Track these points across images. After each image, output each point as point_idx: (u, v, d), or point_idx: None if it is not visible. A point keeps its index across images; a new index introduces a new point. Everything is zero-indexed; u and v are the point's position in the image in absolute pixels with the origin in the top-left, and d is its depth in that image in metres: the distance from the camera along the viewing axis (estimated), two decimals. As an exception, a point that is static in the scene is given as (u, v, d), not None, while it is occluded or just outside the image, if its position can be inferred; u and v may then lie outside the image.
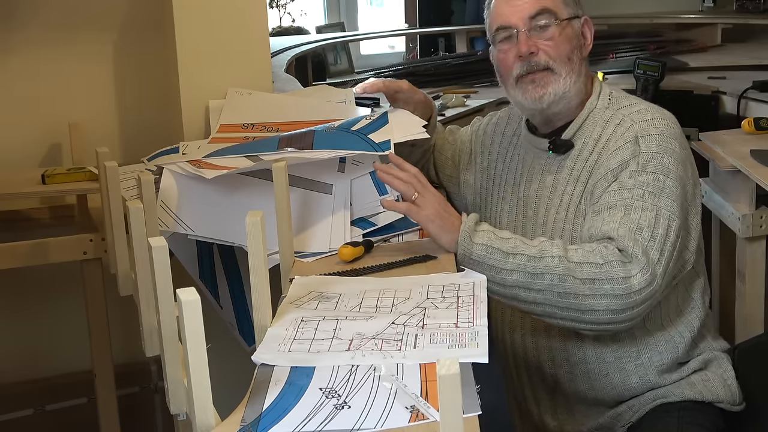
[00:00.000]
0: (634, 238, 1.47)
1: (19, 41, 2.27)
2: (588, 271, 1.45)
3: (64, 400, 2.44)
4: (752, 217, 2.08)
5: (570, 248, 1.48)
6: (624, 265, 1.45)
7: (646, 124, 1.60)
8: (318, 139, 1.70)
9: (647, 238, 1.48)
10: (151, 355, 1.46)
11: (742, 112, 2.62)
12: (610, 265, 1.45)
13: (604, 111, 1.67)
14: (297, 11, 3.84)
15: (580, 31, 1.69)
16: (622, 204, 1.52)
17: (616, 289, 1.44)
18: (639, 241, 1.47)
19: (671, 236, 1.51)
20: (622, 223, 1.50)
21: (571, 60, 1.65)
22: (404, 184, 1.55)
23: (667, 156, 1.56)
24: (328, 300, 1.36)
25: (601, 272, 1.44)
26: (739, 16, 3.56)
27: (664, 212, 1.52)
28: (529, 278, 1.46)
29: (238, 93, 2.13)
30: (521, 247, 1.48)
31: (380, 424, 1.02)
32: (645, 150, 1.57)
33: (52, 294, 2.41)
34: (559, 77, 1.65)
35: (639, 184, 1.54)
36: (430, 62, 3.24)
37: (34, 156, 2.31)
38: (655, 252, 1.48)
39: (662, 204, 1.52)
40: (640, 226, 1.49)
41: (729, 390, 1.66)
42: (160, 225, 1.62)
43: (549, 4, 1.65)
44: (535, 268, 1.46)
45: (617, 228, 1.49)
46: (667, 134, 1.59)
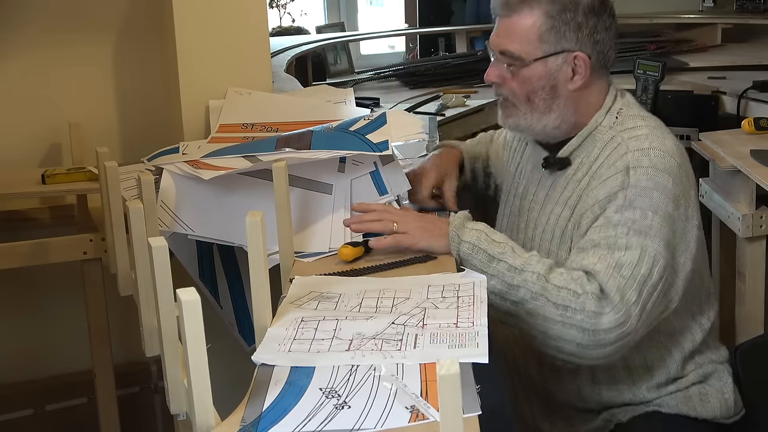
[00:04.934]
0: (612, 276, 1.45)
1: (19, 41, 2.27)
2: (564, 297, 1.44)
3: (64, 400, 2.44)
4: (752, 217, 2.08)
5: (556, 270, 1.47)
6: (599, 300, 1.43)
7: (641, 155, 1.53)
8: (316, 140, 1.70)
9: (627, 276, 1.45)
10: (151, 355, 1.46)
11: (742, 112, 2.62)
12: (587, 297, 1.43)
13: (608, 130, 1.60)
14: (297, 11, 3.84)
15: (559, 68, 1.58)
16: (605, 242, 1.49)
17: (586, 323, 1.43)
18: (617, 280, 1.45)
19: (653, 277, 1.47)
20: (602, 259, 1.47)
21: (530, 101, 1.59)
22: (379, 222, 1.58)
23: (657, 192, 1.50)
24: (328, 300, 1.36)
25: (577, 302, 1.43)
26: (739, 16, 3.56)
27: (650, 251, 1.47)
28: (505, 287, 1.47)
29: (237, 93, 2.13)
30: (507, 254, 1.48)
31: (380, 424, 1.02)
32: (634, 184, 1.51)
33: (52, 294, 2.41)
34: (519, 112, 1.61)
35: (624, 220, 1.49)
36: (430, 62, 3.24)
37: (34, 156, 2.31)
38: (632, 293, 1.45)
39: (648, 243, 1.48)
40: (621, 264, 1.46)
41: (725, 404, 1.65)
42: (160, 225, 1.62)
43: (512, 47, 1.58)
44: (513, 279, 1.46)
45: (596, 263, 1.46)
46: (661, 168, 1.51)
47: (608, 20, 1.60)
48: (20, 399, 2.41)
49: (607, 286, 1.44)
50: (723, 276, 2.34)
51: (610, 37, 1.61)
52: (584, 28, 1.57)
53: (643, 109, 1.67)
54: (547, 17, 1.56)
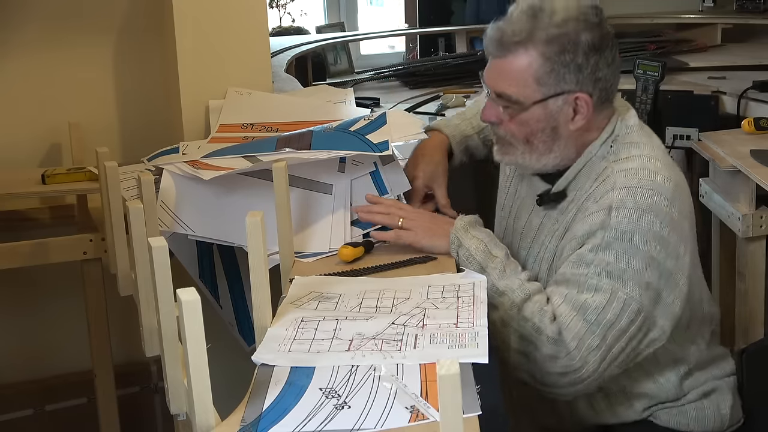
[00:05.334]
0: (574, 319, 1.42)
1: (20, 41, 2.27)
2: (528, 330, 1.43)
3: (64, 400, 2.44)
4: (752, 217, 2.08)
5: (533, 298, 1.45)
6: (555, 344, 1.42)
7: (626, 194, 1.46)
8: (316, 140, 1.70)
9: (591, 321, 1.42)
10: (151, 355, 1.46)
11: (742, 112, 2.62)
12: (545, 338, 1.42)
13: (601, 161, 1.54)
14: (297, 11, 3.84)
15: (560, 110, 1.50)
16: (575, 279, 1.45)
17: (542, 362, 1.43)
18: (578, 324, 1.42)
19: (621, 322, 1.42)
20: (568, 300, 1.44)
21: (530, 143, 1.53)
22: (386, 216, 1.58)
23: (637, 236, 1.44)
24: (328, 300, 1.36)
25: (537, 338, 1.43)
26: (739, 16, 3.56)
27: (620, 295, 1.43)
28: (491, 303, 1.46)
29: (237, 93, 2.13)
30: (495, 273, 1.48)
31: (380, 424, 1.02)
32: (614, 226, 1.44)
33: (52, 294, 2.41)
34: (516, 150, 1.55)
35: (598, 261, 1.44)
36: (430, 62, 3.24)
37: (34, 156, 2.31)
38: (594, 338, 1.42)
39: (620, 286, 1.43)
40: (586, 306, 1.42)
41: (721, 419, 1.64)
42: (159, 225, 1.62)
43: (509, 90, 1.50)
44: (493, 299, 1.46)
45: (561, 303, 1.44)
46: (645, 209, 1.44)
47: (610, 55, 1.51)
48: (20, 399, 2.41)
49: (566, 330, 1.42)
50: (723, 276, 2.34)
51: (613, 71, 1.52)
52: (585, 68, 1.48)
53: (644, 132, 1.59)
54: (545, 59, 1.47)
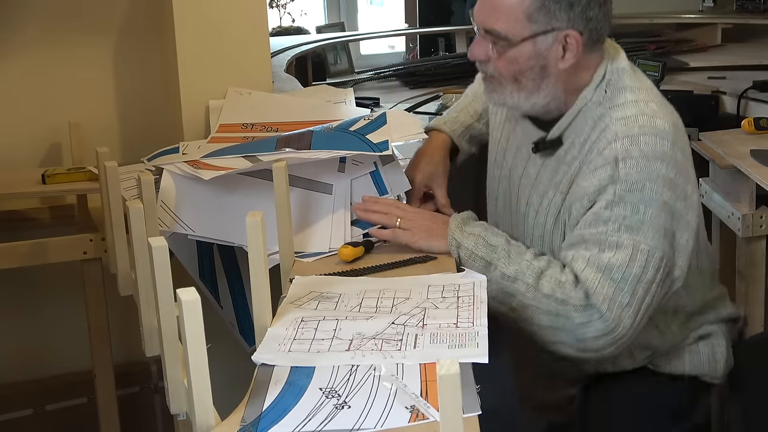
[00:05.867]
0: (601, 282, 1.42)
1: (20, 41, 2.27)
2: (552, 306, 1.44)
3: (64, 400, 2.44)
4: (752, 217, 2.08)
5: (546, 274, 1.45)
6: (584, 310, 1.42)
7: (630, 144, 1.46)
8: (316, 140, 1.70)
9: (617, 279, 1.42)
10: (151, 355, 1.46)
11: (742, 112, 2.62)
12: (572, 308, 1.42)
13: (597, 107, 1.53)
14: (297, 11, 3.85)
15: (549, 47, 1.49)
16: (595, 240, 1.45)
17: (573, 332, 1.43)
18: (606, 286, 1.42)
19: (648, 273, 1.43)
20: (591, 263, 1.44)
21: (518, 81, 1.52)
22: (384, 215, 1.58)
23: (649, 183, 1.44)
24: (328, 300, 1.36)
25: (564, 310, 1.43)
26: (739, 16, 3.56)
27: (642, 247, 1.43)
28: (503, 295, 1.47)
29: (238, 93, 2.13)
30: (501, 261, 1.48)
31: (380, 424, 1.02)
32: (624, 178, 1.45)
33: (52, 294, 2.41)
34: (505, 90, 1.54)
35: (615, 217, 1.44)
36: (430, 62, 3.24)
37: (34, 156, 2.31)
38: (624, 295, 1.42)
39: (640, 238, 1.43)
40: (610, 266, 1.43)
41: (715, 364, 1.65)
42: (160, 225, 1.62)
43: (498, 25, 1.49)
44: (508, 287, 1.46)
45: (584, 268, 1.44)
46: (651, 156, 1.45)
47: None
48: (20, 399, 2.41)
49: (594, 294, 1.42)
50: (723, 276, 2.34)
51: (605, 12, 1.51)
52: (576, 6, 1.47)
53: (636, 74, 1.57)
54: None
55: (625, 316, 1.43)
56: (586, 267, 1.44)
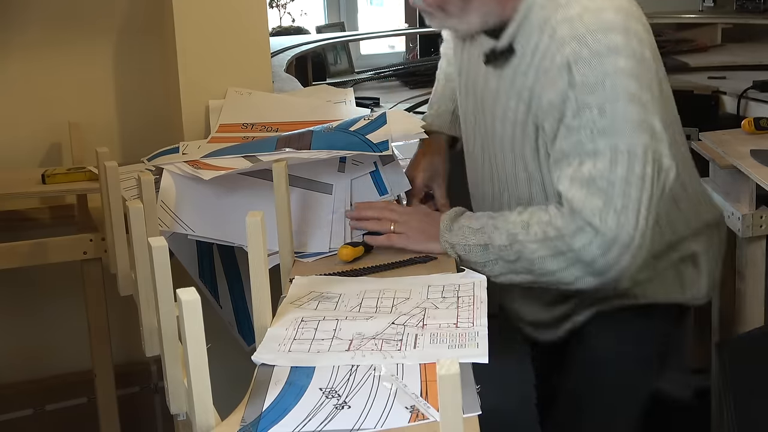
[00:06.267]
0: (588, 197, 1.38)
1: (19, 41, 2.27)
2: (552, 246, 1.42)
3: (64, 400, 2.44)
4: (752, 217, 2.08)
5: (531, 224, 1.44)
6: (580, 232, 1.39)
7: (579, 45, 1.39)
8: (316, 140, 1.70)
9: (604, 187, 1.38)
10: (151, 355, 1.46)
11: (742, 112, 2.62)
12: (568, 236, 1.40)
13: (541, 11, 1.46)
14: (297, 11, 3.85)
15: None
16: (574, 151, 1.41)
17: (582, 258, 1.41)
18: (595, 197, 1.38)
19: (636, 170, 1.38)
20: (574, 179, 1.40)
21: (444, 9, 1.53)
22: (377, 222, 1.57)
23: (608, 80, 1.38)
24: (328, 300, 1.36)
25: (563, 243, 1.41)
26: (739, 16, 3.56)
27: (621, 148, 1.38)
28: (509, 265, 1.46)
29: (237, 93, 2.13)
30: (493, 236, 1.46)
31: (380, 424, 1.02)
32: (581, 81, 1.39)
33: (52, 294, 2.41)
34: (436, 19, 1.56)
35: (584, 123, 1.39)
36: (430, 62, 3.24)
37: (34, 156, 2.31)
38: (616, 200, 1.37)
39: (616, 140, 1.38)
40: (593, 177, 1.38)
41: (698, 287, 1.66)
42: (160, 225, 1.62)
43: None
44: (510, 255, 1.45)
45: (570, 187, 1.41)
46: (604, 53, 1.38)
47: None
48: (20, 399, 2.41)
49: (583, 211, 1.39)
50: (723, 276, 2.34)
51: None
52: None
53: None
54: None
55: (624, 221, 1.38)
56: (570, 186, 1.41)
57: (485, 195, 1.70)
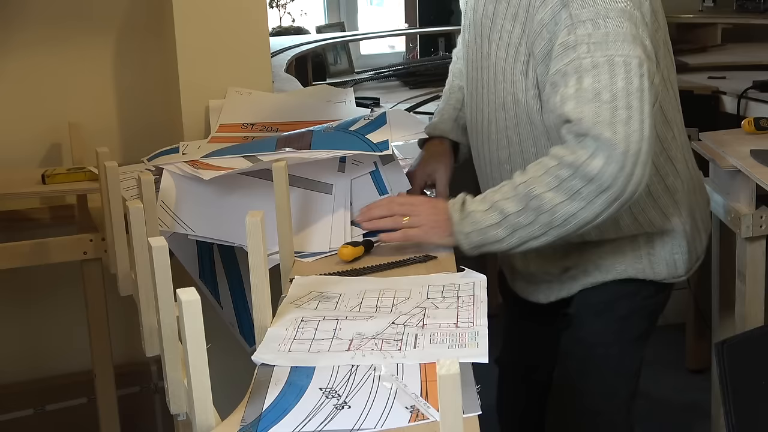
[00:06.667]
0: (596, 111, 1.39)
1: (19, 41, 2.27)
2: (568, 187, 1.42)
3: (64, 400, 2.44)
4: (752, 217, 2.08)
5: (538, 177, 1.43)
6: (599, 152, 1.39)
7: None
8: (316, 140, 1.70)
9: (608, 99, 1.39)
10: (151, 355, 1.46)
11: (742, 112, 2.62)
12: (585, 162, 1.40)
13: None
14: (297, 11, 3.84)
15: None
16: (572, 68, 1.42)
17: (603, 183, 1.40)
18: (603, 110, 1.39)
19: (634, 81, 1.40)
20: (579, 97, 1.41)
21: None
22: (389, 220, 1.56)
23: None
24: (328, 300, 1.36)
25: (580, 180, 1.41)
26: (739, 16, 3.56)
27: (617, 60, 1.40)
28: (527, 230, 1.45)
29: (237, 92, 2.13)
30: (505, 206, 1.46)
31: (380, 424, 1.02)
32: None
33: (52, 294, 2.41)
34: None
35: (580, 38, 1.42)
36: (430, 62, 3.24)
37: (34, 156, 2.31)
38: (621, 112, 1.39)
39: (612, 51, 1.41)
40: (596, 90, 1.40)
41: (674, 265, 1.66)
42: (160, 225, 1.62)
43: None
44: (526, 220, 1.45)
45: (576, 106, 1.41)
46: None
47: None
48: (20, 399, 2.41)
49: (596, 125, 1.39)
50: (723, 276, 2.34)
51: None
52: None
53: None
54: None
55: (631, 131, 1.39)
56: (576, 104, 1.41)
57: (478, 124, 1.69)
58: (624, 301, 1.68)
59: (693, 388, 2.84)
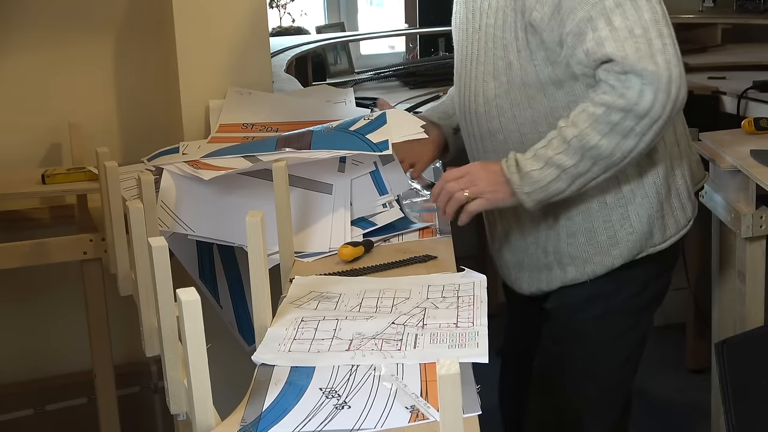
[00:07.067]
0: (634, 47, 1.44)
1: (19, 41, 2.27)
2: (622, 128, 1.46)
3: (64, 400, 2.44)
4: (752, 217, 2.08)
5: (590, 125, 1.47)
6: (648, 86, 1.43)
7: None
8: (316, 140, 1.70)
9: (641, 33, 1.44)
10: (151, 355, 1.46)
11: (742, 112, 2.62)
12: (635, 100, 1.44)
13: None
14: (297, 11, 3.84)
15: None
16: (597, 12, 1.46)
17: (653, 114, 1.44)
18: (640, 45, 1.44)
19: (657, 7, 1.46)
20: (615, 38, 1.45)
21: None
22: (453, 201, 1.57)
23: None
24: (328, 300, 1.36)
25: (632, 119, 1.45)
26: (739, 16, 3.56)
27: None
28: (587, 175, 1.50)
29: (237, 92, 2.13)
30: (561, 159, 1.49)
31: (380, 424, 1.02)
32: None
33: (52, 294, 2.41)
34: None
35: None
36: (430, 62, 3.24)
37: (34, 156, 2.31)
38: (656, 41, 1.44)
39: None
40: (629, 27, 1.45)
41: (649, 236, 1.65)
42: (160, 225, 1.62)
43: None
44: (584, 167, 1.49)
45: (615, 46, 1.44)
46: None
47: None
48: (20, 399, 2.41)
49: (640, 61, 1.44)
50: (723, 276, 2.34)
51: None
52: None
53: None
54: None
55: (669, 56, 1.44)
56: (615, 44, 1.45)
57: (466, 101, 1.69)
58: (600, 301, 1.68)
59: (693, 388, 2.84)
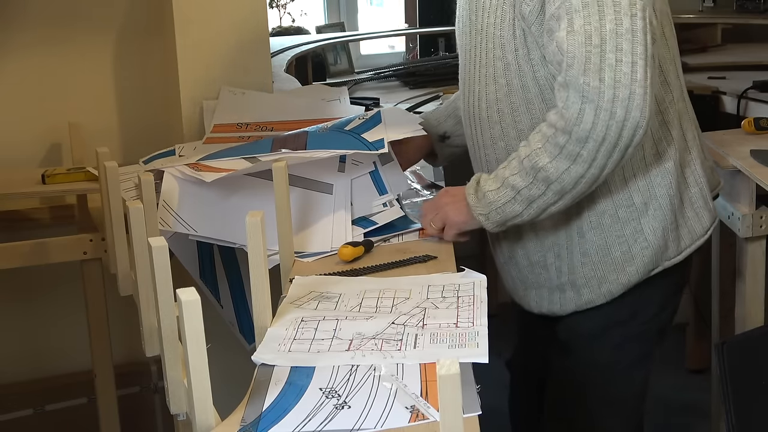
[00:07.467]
0: (586, 57, 1.36)
1: (19, 41, 2.27)
2: (568, 152, 1.40)
3: (64, 400, 2.44)
4: (752, 217, 2.08)
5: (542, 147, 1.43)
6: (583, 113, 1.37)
7: None
8: (311, 140, 1.70)
9: (598, 44, 1.36)
10: (151, 355, 1.46)
11: (742, 112, 2.62)
12: (575, 128, 1.38)
13: None
14: (297, 11, 3.84)
15: None
16: (563, 10, 1.39)
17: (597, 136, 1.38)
18: (592, 56, 1.36)
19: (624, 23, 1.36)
20: (570, 40, 1.37)
21: None
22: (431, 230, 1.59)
23: None
24: (328, 300, 1.36)
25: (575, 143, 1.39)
26: (739, 16, 3.56)
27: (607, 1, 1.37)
28: (542, 200, 1.46)
29: (231, 92, 2.13)
30: (515, 181, 1.46)
31: (380, 424, 1.02)
32: None
33: (53, 294, 2.41)
34: None
35: None
36: (430, 62, 3.24)
37: (34, 156, 2.31)
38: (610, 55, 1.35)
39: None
40: (587, 33, 1.36)
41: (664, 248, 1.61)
42: (161, 225, 1.62)
43: None
44: (538, 191, 1.45)
45: (567, 47, 1.38)
46: None
47: None
48: (20, 399, 2.41)
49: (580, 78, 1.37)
50: (723, 276, 2.34)
51: None
52: None
53: None
54: None
55: (620, 74, 1.36)
56: (567, 45, 1.38)
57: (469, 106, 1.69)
58: (617, 329, 1.63)
59: (693, 388, 2.84)
